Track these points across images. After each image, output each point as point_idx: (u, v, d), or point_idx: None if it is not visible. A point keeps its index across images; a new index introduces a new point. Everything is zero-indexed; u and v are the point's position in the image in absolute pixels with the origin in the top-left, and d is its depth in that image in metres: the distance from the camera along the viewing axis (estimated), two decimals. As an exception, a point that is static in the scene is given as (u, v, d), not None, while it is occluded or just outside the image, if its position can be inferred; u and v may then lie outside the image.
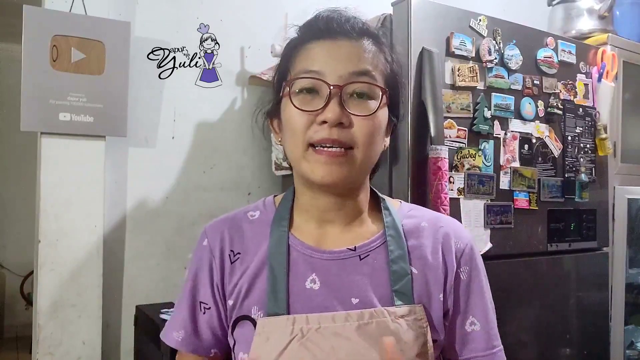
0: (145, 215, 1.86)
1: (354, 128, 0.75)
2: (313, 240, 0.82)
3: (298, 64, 0.79)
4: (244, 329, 0.78)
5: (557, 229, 1.73)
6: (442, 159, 1.38)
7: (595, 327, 1.87)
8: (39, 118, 1.59)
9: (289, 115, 0.78)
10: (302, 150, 0.77)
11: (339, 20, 0.79)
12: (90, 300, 1.66)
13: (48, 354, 1.61)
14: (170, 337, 0.86)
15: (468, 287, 0.84)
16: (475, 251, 0.87)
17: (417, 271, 0.80)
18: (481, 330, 0.84)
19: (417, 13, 1.45)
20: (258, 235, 0.84)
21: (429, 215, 0.89)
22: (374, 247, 0.82)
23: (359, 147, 0.76)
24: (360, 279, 0.79)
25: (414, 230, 0.84)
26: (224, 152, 2.01)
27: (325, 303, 0.77)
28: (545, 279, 1.71)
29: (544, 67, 1.71)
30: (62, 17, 1.62)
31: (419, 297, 0.79)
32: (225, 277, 0.82)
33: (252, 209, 0.89)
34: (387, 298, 0.78)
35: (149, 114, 1.87)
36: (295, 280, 0.79)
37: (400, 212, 0.87)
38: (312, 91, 0.77)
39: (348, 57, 0.77)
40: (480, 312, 0.84)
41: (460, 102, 1.51)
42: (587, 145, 1.84)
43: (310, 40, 0.79)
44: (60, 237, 1.63)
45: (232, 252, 0.83)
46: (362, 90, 0.77)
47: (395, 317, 0.75)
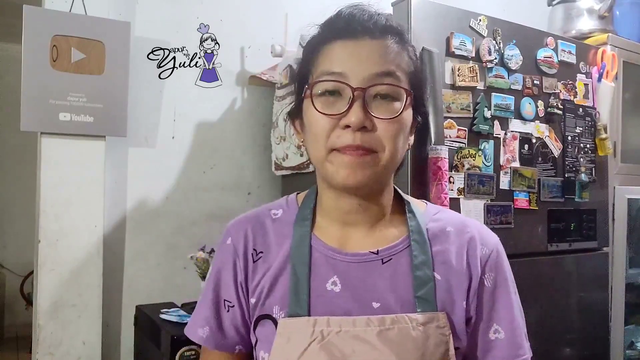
0: (145, 215, 1.86)
1: (378, 131, 0.74)
2: (335, 242, 0.81)
3: (320, 65, 0.77)
4: (266, 328, 0.78)
5: (557, 229, 1.73)
6: (442, 159, 1.38)
7: (595, 327, 1.87)
8: (39, 118, 1.58)
9: (311, 118, 0.77)
10: (326, 153, 0.75)
11: (361, 17, 0.77)
12: (90, 300, 1.66)
13: (48, 354, 1.61)
14: (195, 333, 0.86)
15: (493, 294, 0.81)
16: (501, 257, 0.84)
17: (441, 277, 0.78)
18: (505, 339, 0.81)
19: (417, 13, 1.45)
20: (281, 234, 0.83)
21: (455, 218, 0.86)
22: (396, 251, 0.80)
23: (383, 150, 0.74)
24: (382, 283, 0.77)
25: (439, 234, 0.82)
26: (224, 152, 2.01)
27: (346, 305, 0.76)
28: (545, 279, 1.71)
29: (544, 67, 1.71)
30: (62, 17, 1.62)
31: (442, 304, 0.77)
32: (249, 275, 0.82)
33: (275, 207, 0.88)
34: (409, 304, 0.76)
35: (149, 114, 1.87)
36: (317, 281, 0.78)
37: (425, 215, 0.85)
38: (335, 93, 0.75)
39: (371, 57, 0.75)
40: (505, 320, 0.81)
41: (460, 102, 1.51)
42: (587, 145, 1.84)
43: (332, 39, 0.77)
44: (60, 237, 1.63)
45: (255, 250, 0.83)
46: (386, 91, 0.75)
47: (417, 324, 0.74)
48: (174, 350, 1.36)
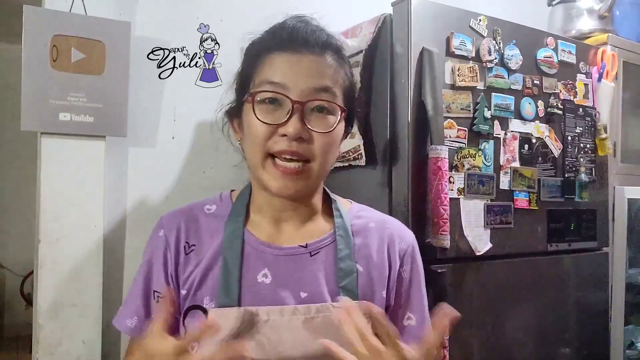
0: (145, 215, 1.86)
1: (314, 143, 0.80)
2: (267, 237, 0.86)
3: (261, 73, 0.82)
4: (195, 318, 0.81)
5: (557, 229, 1.73)
6: (442, 159, 1.38)
7: (595, 327, 1.87)
8: (39, 118, 1.58)
9: (250, 123, 0.81)
10: (261, 159, 0.81)
11: (304, 32, 0.82)
12: (90, 300, 1.66)
13: (48, 353, 1.61)
14: (123, 323, 0.89)
15: (409, 285, 0.90)
16: (416, 252, 0.93)
17: (363, 269, 0.85)
18: (416, 325, 0.89)
19: (417, 13, 1.45)
20: (213, 228, 0.87)
21: (377, 216, 0.94)
22: (324, 244, 0.86)
23: (316, 160, 0.81)
24: (310, 274, 0.83)
25: (361, 230, 0.89)
26: (224, 152, 2.01)
27: (275, 296, 0.81)
28: (545, 279, 1.71)
29: (544, 67, 1.71)
30: (62, 17, 1.62)
31: (363, 293, 0.84)
32: (180, 267, 0.85)
33: (209, 203, 0.93)
34: (334, 293, 0.82)
35: (149, 114, 1.87)
36: (248, 274, 0.82)
37: (350, 212, 0.92)
38: (275, 102, 0.80)
39: (310, 72, 0.80)
40: (417, 308, 0.90)
41: (460, 102, 1.51)
42: (587, 145, 1.84)
43: (274, 49, 0.82)
44: (60, 237, 1.63)
45: (187, 243, 0.87)
46: (323, 105, 0.81)
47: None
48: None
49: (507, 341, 1.61)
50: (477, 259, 1.51)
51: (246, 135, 0.85)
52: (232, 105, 0.91)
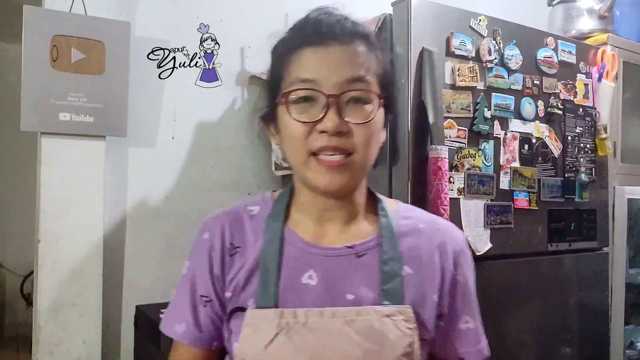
0: (145, 215, 1.86)
1: (353, 135, 0.77)
2: (311, 237, 0.84)
3: (292, 72, 0.79)
4: (239, 320, 0.80)
5: (557, 228, 1.73)
6: (442, 159, 1.38)
7: (595, 327, 1.87)
8: (39, 118, 1.58)
9: (287, 125, 0.79)
10: (304, 158, 0.78)
11: (328, 23, 0.80)
12: (90, 300, 1.66)
13: (48, 353, 1.61)
14: (172, 329, 0.86)
15: (465, 288, 0.86)
16: (468, 253, 0.90)
17: (413, 271, 0.82)
18: (473, 329, 0.87)
19: (417, 13, 1.45)
20: (256, 229, 0.85)
21: (426, 217, 0.90)
22: (370, 246, 0.83)
23: (358, 152, 0.78)
24: (357, 276, 0.80)
25: (410, 231, 0.86)
26: (224, 152, 2.01)
27: (321, 299, 0.78)
28: (545, 278, 1.71)
29: (544, 67, 1.71)
30: (62, 17, 1.62)
31: (412, 297, 0.80)
32: (225, 270, 0.84)
33: (251, 204, 0.90)
34: (377, 297, 0.79)
35: (149, 114, 1.87)
36: (292, 275, 0.80)
37: (397, 213, 0.88)
38: (309, 99, 0.78)
39: (341, 63, 0.78)
40: (472, 311, 0.87)
41: (460, 102, 1.51)
42: (587, 145, 1.84)
43: (301, 46, 0.79)
44: (60, 237, 1.63)
45: (231, 245, 0.85)
46: (358, 96, 0.78)
47: (381, 315, 0.77)
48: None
49: (508, 341, 1.60)
50: (477, 259, 1.50)
51: (284, 137, 0.82)
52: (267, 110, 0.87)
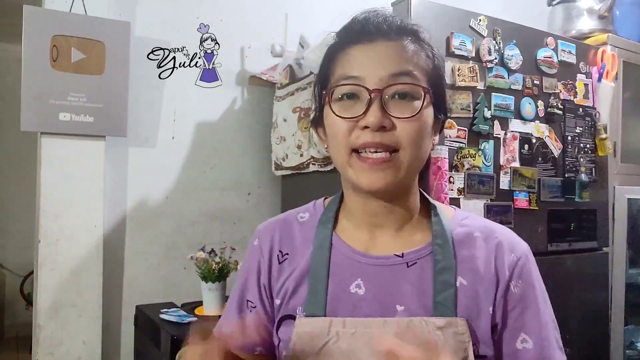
0: (145, 215, 1.86)
1: (398, 130, 0.73)
2: (361, 245, 0.81)
3: (337, 70, 0.78)
4: (289, 327, 0.79)
5: (557, 229, 1.73)
6: (442, 159, 1.38)
7: (595, 327, 1.87)
8: (39, 118, 1.58)
9: (331, 123, 0.77)
10: (346, 156, 0.76)
11: (375, 21, 0.77)
12: (90, 300, 1.66)
13: (48, 354, 1.61)
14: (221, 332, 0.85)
15: (520, 302, 0.79)
16: (531, 264, 0.83)
17: (467, 283, 0.77)
18: (533, 349, 0.79)
19: (417, 13, 1.45)
20: (307, 237, 0.84)
21: (483, 224, 0.85)
22: (422, 255, 0.79)
23: (404, 148, 0.74)
24: (407, 286, 0.77)
25: (465, 239, 0.81)
26: (224, 152, 2.01)
27: (370, 309, 0.76)
28: (545, 279, 1.69)
29: (544, 67, 1.71)
30: (62, 17, 1.62)
31: (466, 310, 0.76)
32: (273, 276, 0.83)
33: (302, 211, 0.89)
34: (429, 309, 0.75)
35: (149, 114, 1.87)
36: (339, 284, 0.78)
37: (453, 220, 0.84)
38: (353, 97, 0.75)
39: (387, 58, 0.75)
40: (533, 328, 0.79)
41: (460, 102, 1.51)
42: (587, 145, 1.84)
43: (348, 44, 0.78)
44: (60, 237, 1.63)
45: (280, 252, 0.84)
46: (404, 91, 0.74)
47: (433, 327, 0.73)
48: (174, 351, 1.36)
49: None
50: (477, 259, 1.51)
51: (329, 137, 0.79)
52: (315, 114, 0.85)
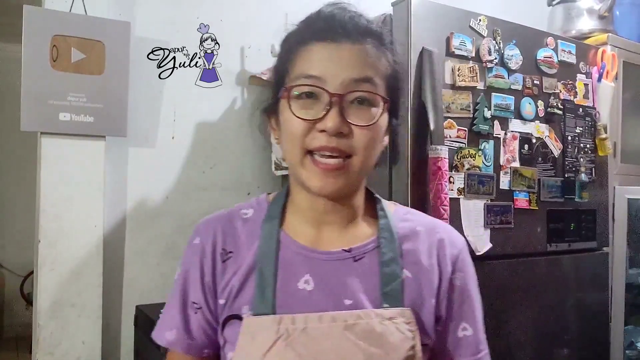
0: (145, 215, 1.86)
1: (354, 137, 0.74)
2: (308, 241, 0.82)
3: (298, 66, 0.77)
4: (234, 328, 0.77)
5: (556, 229, 1.73)
6: (442, 159, 1.38)
7: (595, 327, 1.87)
8: (39, 118, 1.58)
9: (287, 120, 0.77)
10: (300, 156, 0.76)
11: (341, 19, 0.77)
12: (90, 300, 1.66)
13: (48, 354, 1.61)
14: (162, 336, 0.85)
15: (461, 293, 0.83)
16: (468, 257, 0.87)
17: (411, 275, 0.80)
18: (472, 336, 0.83)
19: (417, 13, 1.45)
20: (250, 234, 0.83)
21: (425, 219, 0.88)
22: (368, 249, 0.81)
23: (358, 155, 0.75)
24: (354, 280, 0.78)
25: (409, 234, 0.84)
26: (224, 152, 2.01)
27: (318, 304, 0.76)
28: (545, 279, 1.71)
29: (544, 67, 1.71)
30: (62, 17, 1.62)
31: (411, 301, 0.78)
32: (217, 276, 0.81)
33: (245, 207, 0.88)
34: (377, 300, 0.77)
35: (149, 114, 1.87)
36: (288, 280, 0.78)
37: (395, 215, 0.87)
38: (312, 96, 0.75)
39: (350, 62, 0.75)
40: (471, 317, 0.84)
41: (460, 102, 1.51)
42: (587, 145, 1.84)
43: (311, 40, 0.77)
44: (60, 237, 1.63)
45: (224, 250, 0.83)
46: (364, 97, 0.75)
47: (382, 318, 0.75)
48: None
49: (507, 341, 1.60)
50: (477, 259, 1.51)
51: (283, 132, 0.79)
52: (269, 103, 0.84)
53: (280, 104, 0.80)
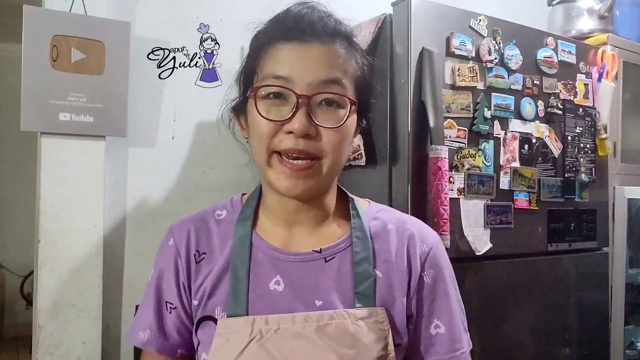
0: (145, 215, 1.86)
1: (322, 139, 0.74)
2: (279, 242, 0.82)
3: (265, 66, 0.77)
4: (208, 329, 0.78)
5: (557, 229, 1.73)
6: (442, 159, 1.38)
7: (595, 327, 1.87)
8: (39, 118, 1.58)
9: (254, 120, 0.77)
10: (267, 157, 0.76)
11: (310, 19, 0.76)
12: (90, 300, 1.66)
13: (48, 354, 1.60)
14: (135, 336, 0.84)
15: (432, 290, 0.82)
16: (441, 254, 0.86)
17: (382, 274, 0.80)
18: (445, 334, 0.82)
19: (417, 13, 1.45)
20: (224, 235, 0.83)
21: (396, 217, 0.87)
22: (340, 249, 0.81)
23: (326, 157, 0.75)
24: (325, 281, 0.78)
25: (380, 232, 0.83)
26: (224, 152, 2.01)
27: (289, 305, 0.76)
28: (545, 279, 1.71)
29: (544, 67, 1.71)
30: (62, 17, 1.62)
31: (382, 300, 0.78)
32: (191, 276, 0.82)
33: (219, 208, 0.89)
34: (349, 300, 0.77)
35: (149, 114, 1.87)
36: (259, 282, 0.78)
37: (368, 213, 0.86)
38: (280, 96, 0.75)
39: (318, 63, 0.74)
40: (445, 315, 0.83)
41: (460, 102, 1.51)
42: (587, 145, 1.84)
43: (279, 39, 0.76)
44: (60, 237, 1.63)
45: (197, 252, 0.83)
46: (331, 99, 0.75)
47: (355, 318, 0.75)
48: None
49: (507, 341, 1.60)
50: (477, 259, 1.51)
51: (251, 132, 0.79)
52: (238, 101, 0.85)
53: (248, 104, 0.80)
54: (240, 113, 0.84)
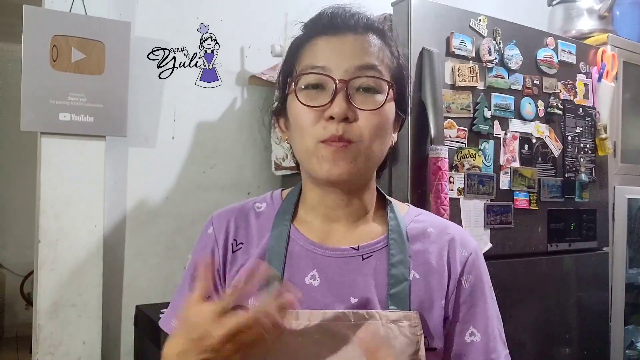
0: (145, 215, 1.86)
1: (360, 122, 0.75)
2: (317, 237, 0.82)
3: (303, 61, 0.78)
4: None
5: (557, 229, 1.73)
6: (442, 159, 1.38)
7: (595, 327, 1.87)
8: (39, 118, 1.59)
9: (295, 112, 0.78)
10: (312, 146, 0.76)
11: (343, 15, 0.79)
12: (90, 300, 1.66)
13: (48, 354, 1.61)
14: (168, 324, 0.85)
15: (470, 296, 0.82)
16: (480, 261, 0.85)
17: (420, 276, 0.79)
18: (481, 342, 0.81)
19: (417, 13, 1.45)
20: (262, 227, 0.84)
21: (437, 221, 0.88)
22: (377, 248, 0.81)
23: (364, 140, 0.75)
24: (362, 278, 0.78)
25: (419, 235, 0.83)
26: (224, 152, 2.01)
27: (324, 300, 0.76)
28: (545, 279, 1.71)
29: (544, 67, 1.71)
30: (62, 17, 1.62)
31: (419, 303, 0.78)
32: (227, 265, 0.82)
33: (259, 201, 0.89)
34: (383, 301, 0.77)
35: (149, 114, 1.87)
36: (295, 275, 0.79)
37: (407, 216, 0.86)
38: (318, 87, 0.76)
39: (353, 51, 0.76)
40: (481, 323, 0.82)
41: (460, 102, 1.51)
42: (587, 145, 1.84)
43: (315, 36, 0.79)
44: (60, 237, 1.63)
45: (235, 241, 0.83)
46: (369, 84, 0.76)
47: (387, 321, 0.74)
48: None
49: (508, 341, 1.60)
50: (477, 259, 1.51)
51: (293, 128, 0.79)
52: (278, 104, 0.85)
53: (288, 101, 0.81)
54: (280, 116, 0.85)
